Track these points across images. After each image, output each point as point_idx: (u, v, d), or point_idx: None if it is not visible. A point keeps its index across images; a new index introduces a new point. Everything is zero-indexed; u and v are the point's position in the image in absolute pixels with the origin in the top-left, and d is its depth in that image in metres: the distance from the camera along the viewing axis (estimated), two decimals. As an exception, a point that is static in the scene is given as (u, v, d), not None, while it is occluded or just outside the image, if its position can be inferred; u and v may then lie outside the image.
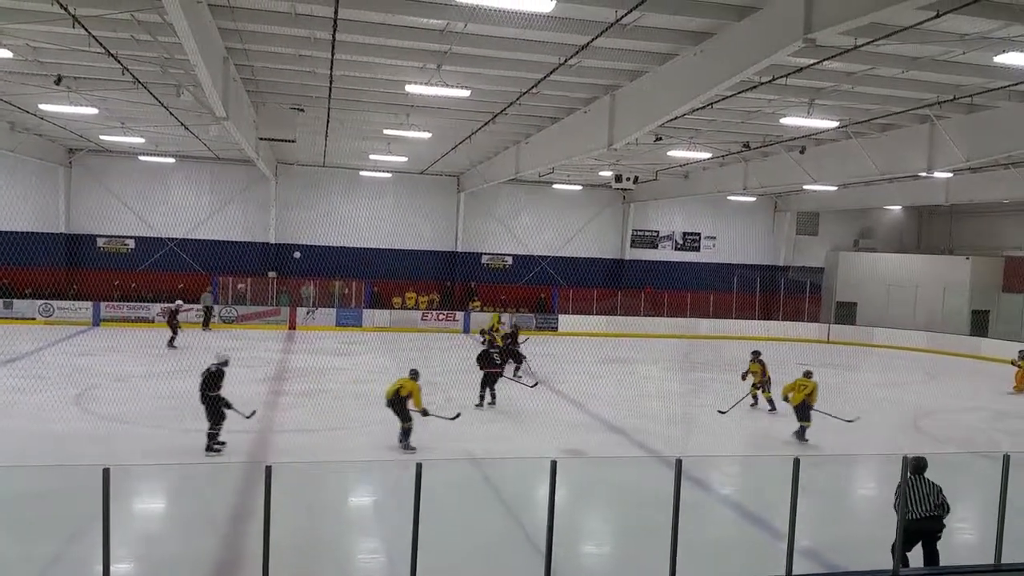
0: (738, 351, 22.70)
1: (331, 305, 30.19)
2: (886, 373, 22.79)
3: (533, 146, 21.61)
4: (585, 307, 31.47)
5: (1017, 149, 16.59)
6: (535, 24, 11.71)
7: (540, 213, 33.41)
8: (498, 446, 13.13)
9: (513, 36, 12.64)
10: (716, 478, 12.30)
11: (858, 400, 18.65)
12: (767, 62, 10.75)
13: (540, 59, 13.72)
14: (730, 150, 22.06)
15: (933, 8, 9.44)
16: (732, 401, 16.52)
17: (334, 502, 10.40)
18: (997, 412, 18.23)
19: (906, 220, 35.87)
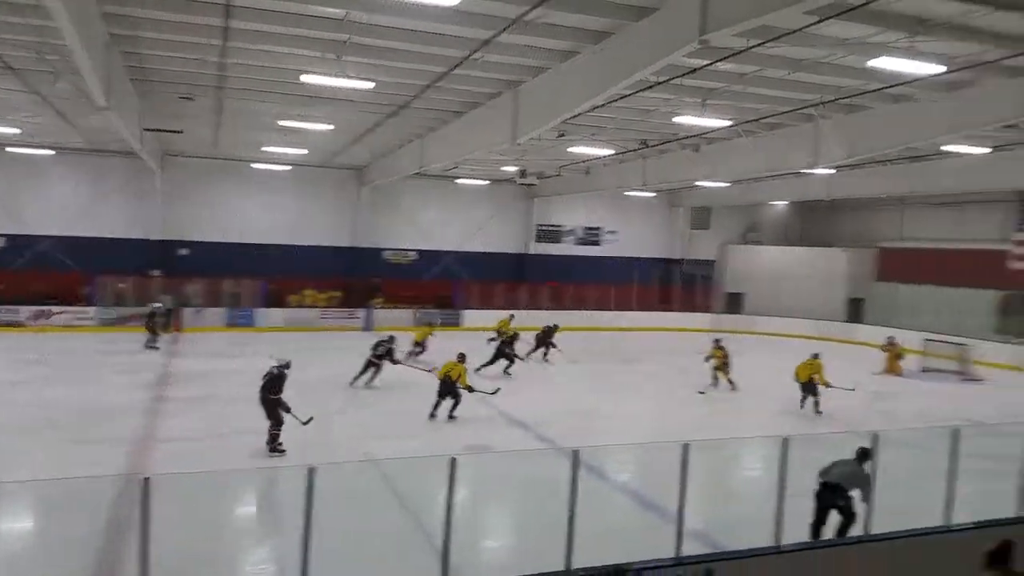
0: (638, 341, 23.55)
1: (221, 305, 28.61)
2: (771, 358, 23.95)
3: (438, 140, 21.61)
4: (488, 302, 31.58)
5: (890, 148, 17.85)
6: (440, 17, 11.75)
7: (445, 207, 33.39)
8: (401, 445, 13.01)
9: (418, 28, 12.63)
10: (613, 466, 12.63)
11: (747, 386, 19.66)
12: (664, 62, 11.18)
13: (445, 53, 13.77)
14: (629, 147, 22.69)
15: (816, 13, 10.05)
16: (697, 385, 18.80)
17: (222, 513, 10.04)
18: (871, 393, 19.49)
19: (790, 215, 37.76)
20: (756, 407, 18.04)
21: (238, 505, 10.71)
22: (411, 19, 12.12)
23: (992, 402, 19.61)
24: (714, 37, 9.98)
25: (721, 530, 9.33)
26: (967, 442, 9.54)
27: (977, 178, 23.08)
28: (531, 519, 10.33)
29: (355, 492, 9.89)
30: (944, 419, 15.63)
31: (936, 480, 8.95)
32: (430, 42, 13.19)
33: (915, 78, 13.28)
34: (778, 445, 8.01)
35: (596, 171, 28.81)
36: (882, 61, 11.64)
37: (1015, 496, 9.23)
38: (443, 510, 6.74)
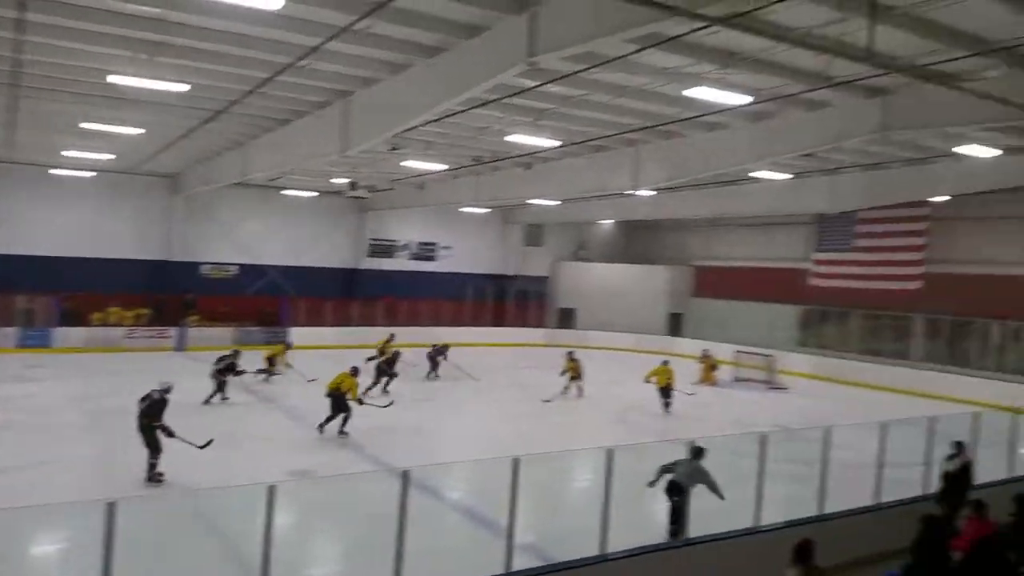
0: (472, 357, 23.60)
1: (11, 324, 25.53)
2: (600, 372, 24.77)
3: (261, 148, 20.64)
4: (318, 319, 30.48)
5: (704, 172, 19.00)
6: (263, 21, 11.23)
7: (270, 220, 31.67)
8: (216, 474, 11.97)
9: (239, 31, 12.01)
10: (445, 484, 12.50)
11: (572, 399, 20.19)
12: (494, 81, 11.28)
13: (268, 58, 13.18)
14: (463, 163, 22.78)
15: (637, 43, 10.50)
16: (549, 395, 19.75)
17: (10, 554, 8.96)
18: (688, 402, 20.59)
19: (616, 233, 39.44)
20: (588, 419, 18.55)
21: (32, 544, 9.66)
22: (231, 21, 11.50)
23: (795, 409, 21.26)
24: (542, 59, 10.21)
25: (552, 542, 9.39)
26: (774, 447, 10.26)
27: (780, 202, 25.14)
28: (360, 543, 10.01)
29: (168, 524, 9.23)
30: (755, 425, 16.71)
31: (748, 483, 9.46)
32: (252, 46, 12.58)
33: (726, 108, 14.20)
34: (604, 456, 8.20)
35: (430, 186, 28.71)
36: (696, 91, 12.33)
37: (817, 496, 9.91)
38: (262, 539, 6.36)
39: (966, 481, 10.34)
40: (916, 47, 11.03)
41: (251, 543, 6.65)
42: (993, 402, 18.10)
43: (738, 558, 8.94)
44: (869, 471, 10.47)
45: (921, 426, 11.22)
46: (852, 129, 14.32)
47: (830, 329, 29.76)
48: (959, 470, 10.32)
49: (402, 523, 6.91)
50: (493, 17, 10.76)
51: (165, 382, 12.01)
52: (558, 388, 20.83)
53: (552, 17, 9.84)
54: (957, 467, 10.35)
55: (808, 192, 23.69)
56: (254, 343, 26.69)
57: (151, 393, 11.80)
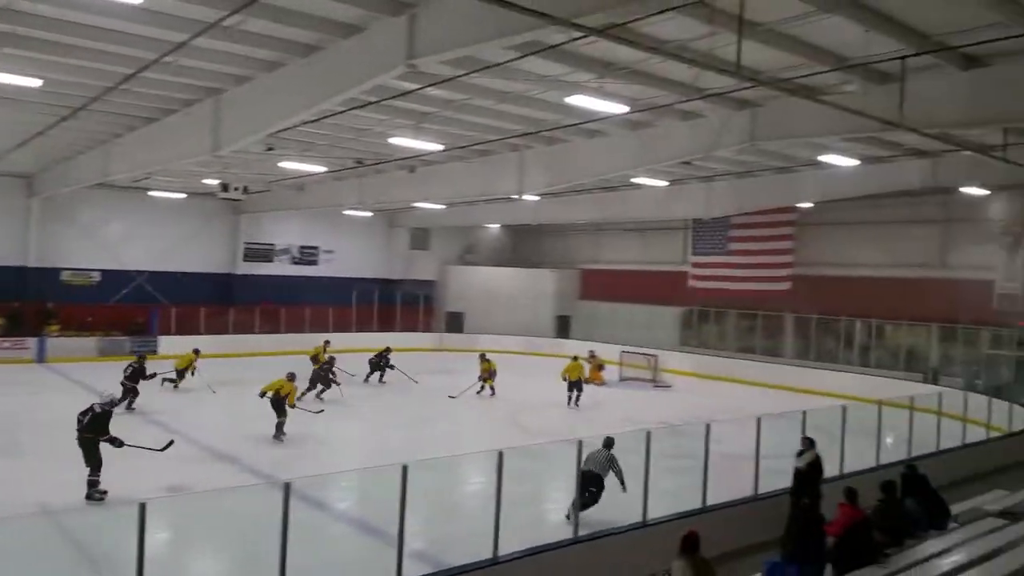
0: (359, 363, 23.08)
1: None
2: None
3: (126, 147, 19.48)
4: (192, 326, 28.97)
5: (586, 178, 19.35)
6: (124, 15, 10.62)
7: (136, 223, 29.61)
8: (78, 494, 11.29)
9: (99, 24, 11.27)
10: (332, 495, 12.19)
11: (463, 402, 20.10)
12: (372, 82, 11.05)
13: (131, 53, 12.46)
14: (344, 165, 22.27)
15: (517, 50, 10.51)
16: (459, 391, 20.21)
17: None
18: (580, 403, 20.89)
19: (503, 237, 39.61)
20: (479, 422, 18.49)
21: None
22: (91, 14, 10.83)
23: (679, 405, 21.91)
24: (422, 63, 10.05)
25: (444, 548, 9.30)
26: (660, 443, 10.53)
27: (659, 208, 25.95)
28: (241, 560, 9.66)
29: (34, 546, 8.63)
30: (641, 422, 17.02)
31: (636, 479, 9.70)
32: (112, 40, 11.87)
33: (605, 116, 14.47)
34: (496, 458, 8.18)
35: (310, 188, 27.94)
36: (576, 99, 12.47)
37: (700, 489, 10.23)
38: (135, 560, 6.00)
39: (817, 476, 10.64)
40: (781, 62, 11.59)
41: (123, 565, 6.22)
42: (858, 395, 19.27)
43: (628, 552, 9.20)
44: (747, 463, 10.89)
45: (794, 419, 11.72)
46: (723, 139, 14.89)
47: (709, 329, 30.97)
48: (808, 466, 10.57)
49: (285, 537, 6.69)
50: (370, 17, 10.53)
51: (109, 393, 11.76)
52: (466, 387, 21.29)
53: (431, 20, 9.72)
54: (806, 464, 10.58)
55: (685, 198, 24.54)
56: (122, 353, 25.16)
57: (92, 407, 11.36)
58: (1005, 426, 16.79)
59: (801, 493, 10.30)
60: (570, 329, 35.13)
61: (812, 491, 10.20)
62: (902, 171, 19.01)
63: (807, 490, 10.27)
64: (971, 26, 9.95)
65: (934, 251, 24.52)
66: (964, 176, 18.53)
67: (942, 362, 24.13)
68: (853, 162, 17.83)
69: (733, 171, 21.68)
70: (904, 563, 8.28)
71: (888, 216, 25.08)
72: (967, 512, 10.55)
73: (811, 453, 10.59)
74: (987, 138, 15.15)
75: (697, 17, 9.47)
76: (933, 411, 14.51)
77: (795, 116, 13.78)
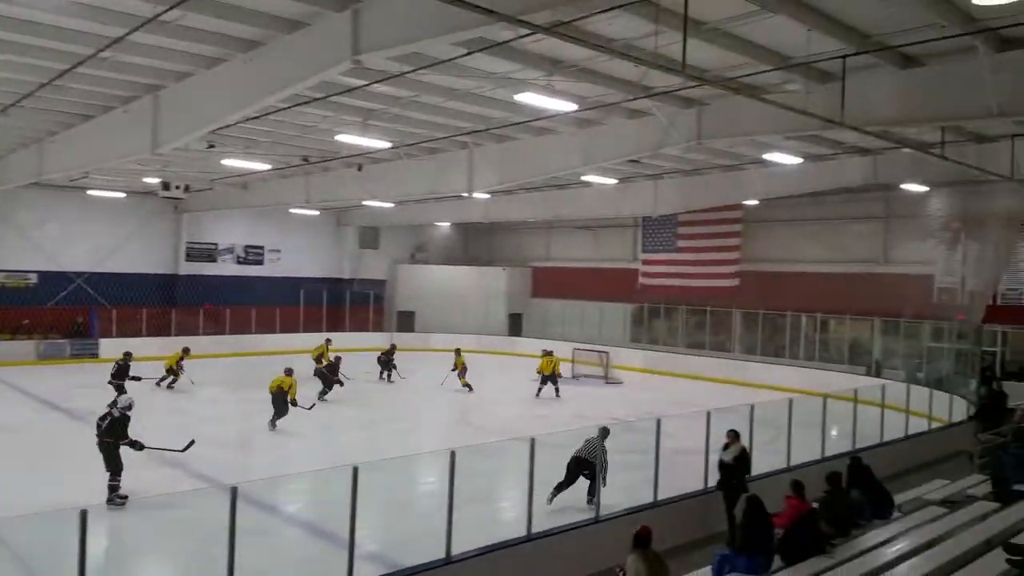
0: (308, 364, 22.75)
1: None
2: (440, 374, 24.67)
3: (61, 145, 18.79)
4: (134, 328, 28.17)
5: (535, 176, 19.35)
6: (56, 8, 10.25)
7: (74, 223, 28.65)
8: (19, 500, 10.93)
9: (29, 18, 10.84)
10: (282, 498, 11.98)
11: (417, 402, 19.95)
12: (317, 78, 10.85)
13: (66, 48, 12.02)
14: (290, 163, 21.88)
15: (464, 46, 10.43)
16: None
17: None
18: (530, 399, 20.90)
19: (454, 235, 39.43)
20: (431, 421, 18.38)
21: None
22: (21, 7, 10.39)
23: (630, 401, 22.12)
24: (367, 58, 9.90)
25: (397, 549, 9.20)
26: (612, 439, 10.60)
27: (609, 205, 26.09)
28: (188, 566, 9.47)
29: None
30: (593, 419, 17.13)
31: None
32: (46, 35, 11.42)
33: (554, 114, 14.47)
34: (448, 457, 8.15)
35: (255, 186, 27.38)
36: (525, 96, 12.43)
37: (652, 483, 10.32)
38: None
39: (744, 468, 10.63)
40: (725, 61, 11.73)
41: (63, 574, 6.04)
42: (804, 388, 19.68)
43: (582, 548, 9.25)
44: (698, 457, 11.01)
45: (741, 413, 11.89)
46: (670, 137, 15.01)
47: (659, 325, 31.28)
48: (735, 459, 10.54)
49: (232, 541, 6.58)
50: (314, 13, 10.32)
51: (127, 398, 11.79)
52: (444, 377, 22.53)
53: (375, 15, 9.56)
54: (732, 457, 10.55)
55: (634, 196, 24.72)
56: (62, 357, 24.44)
57: (110, 412, 11.44)
58: (946, 417, 17.24)
59: (729, 486, 10.33)
60: (522, 327, 35.14)
61: (739, 484, 10.27)
62: (844, 169, 19.43)
63: (735, 483, 10.31)
64: (909, 26, 10.19)
65: (876, 247, 25.16)
66: (904, 173, 18.94)
67: (885, 355, 24.73)
68: (797, 160, 18.17)
69: (681, 169, 21.92)
70: (850, 553, 8.47)
71: (831, 213, 25.64)
72: (910, 502, 10.81)
73: (737, 446, 10.60)
74: (926, 136, 15.57)
75: (643, 16, 9.52)
76: (876, 403, 14.79)
77: (740, 115, 13.98)
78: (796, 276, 26.45)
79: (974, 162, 15.48)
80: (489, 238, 38.52)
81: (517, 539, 8.93)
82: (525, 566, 8.81)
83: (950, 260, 22.66)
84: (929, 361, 22.71)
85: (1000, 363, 22.31)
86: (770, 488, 9.89)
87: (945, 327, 22.26)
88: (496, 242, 38.40)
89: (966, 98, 11.47)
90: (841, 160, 19.12)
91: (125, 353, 18.60)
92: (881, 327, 24.85)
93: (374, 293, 35.69)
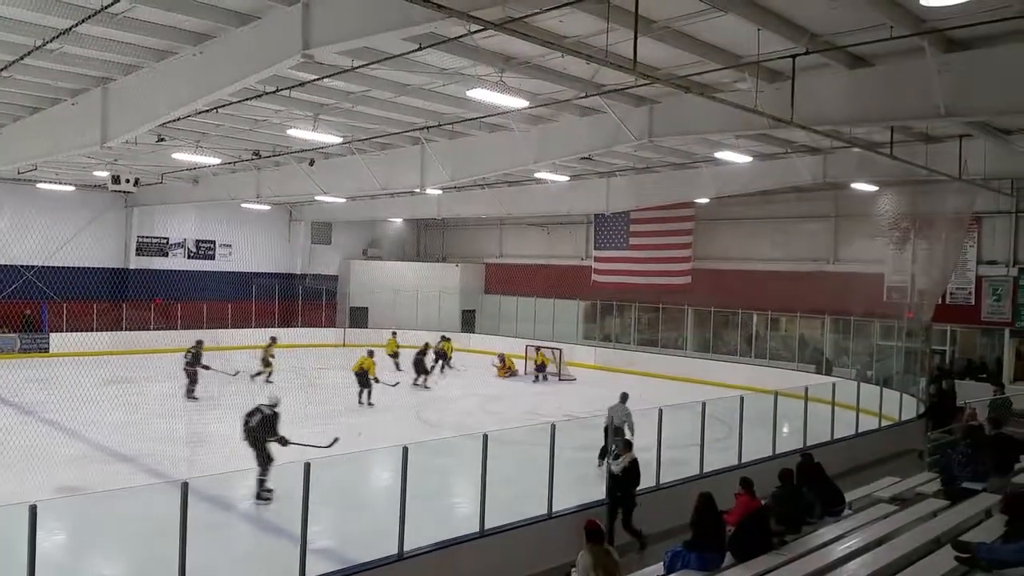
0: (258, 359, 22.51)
1: None
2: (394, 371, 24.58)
3: (8, 138, 18.24)
4: (84, 323, 27.58)
5: (488, 172, 19.39)
6: (3, -1, 9.95)
7: (22, 216, 27.69)
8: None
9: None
10: (235, 493, 11.85)
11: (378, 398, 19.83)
12: (267, 72, 10.76)
13: (11, 39, 11.75)
14: (241, 157, 21.57)
15: (415, 41, 10.41)
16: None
17: None
18: (484, 395, 20.95)
19: (407, 231, 39.28)
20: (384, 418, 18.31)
21: None
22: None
23: (583, 398, 22.18)
24: (318, 53, 9.84)
25: (350, 545, 9.18)
26: (565, 435, 10.62)
27: (562, 202, 26.22)
28: (139, 562, 9.36)
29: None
30: (546, 415, 17.24)
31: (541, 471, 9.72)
32: (-11, 24, 11.09)
33: (506, 110, 14.51)
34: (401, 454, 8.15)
35: (206, 180, 26.96)
36: (476, 92, 12.46)
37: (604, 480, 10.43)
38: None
39: (633, 480, 10.27)
40: (676, 59, 11.88)
41: (12, 569, 6.01)
42: (755, 385, 19.93)
43: (534, 544, 9.30)
44: (650, 454, 11.07)
45: (693, 410, 12.06)
46: (622, 135, 15.14)
47: (612, 322, 31.52)
48: (624, 471, 10.16)
49: (184, 537, 6.58)
50: (264, 6, 10.23)
51: (274, 396, 12.29)
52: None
53: (326, 9, 9.52)
54: (621, 469, 10.17)
55: (586, 193, 24.88)
56: (12, 352, 23.89)
57: (260, 408, 11.92)
58: (895, 415, 17.43)
59: (615, 497, 10.16)
60: (476, 323, 35.15)
61: (624, 496, 10.09)
62: (794, 168, 19.69)
63: (620, 495, 10.12)
64: (858, 27, 10.36)
65: (826, 245, 25.53)
66: (854, 172, 19.15)
67: (835, 353, 25.18)
68: (747, 159, 18.48)
69: (632, 167, 22.13)
70: (801, 550, 8.53)
71: (782, 212, 26.02)
72: (860, 499, 10.89)
73: (628, 456, 10.25)
74: (875, 136, 15.92)
75: (594, 13, 9.60)
76: (827, 401, 14.86)
77: (691, 113, 14.15)
78: (747, 274, 26.80)
79: (923, 162, 15.76)
80: (442, 234, 38.45)
81: (471, 535, 8.95)
82: (478, 562, 8.83)
83: (899, 259, 22.82)
84: (879, 359, 22.89)
85: (948, 361, 22.73)
86: (721, 485, 9.95)
87: (895, 325, 22.37)
88: (449, 238, 38.34)
89: (914, 98, 11.65)
90: (791, 159, 19.39)
91: (197, 342, 19.84)
92: (831, 325, 25.21)
93: (327, 289, 35.41)
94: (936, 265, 21.23)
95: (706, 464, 11.70)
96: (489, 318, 34.58)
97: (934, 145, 16.72)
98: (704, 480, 11.03)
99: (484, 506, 9.06)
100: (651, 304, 29.85)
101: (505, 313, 33.65)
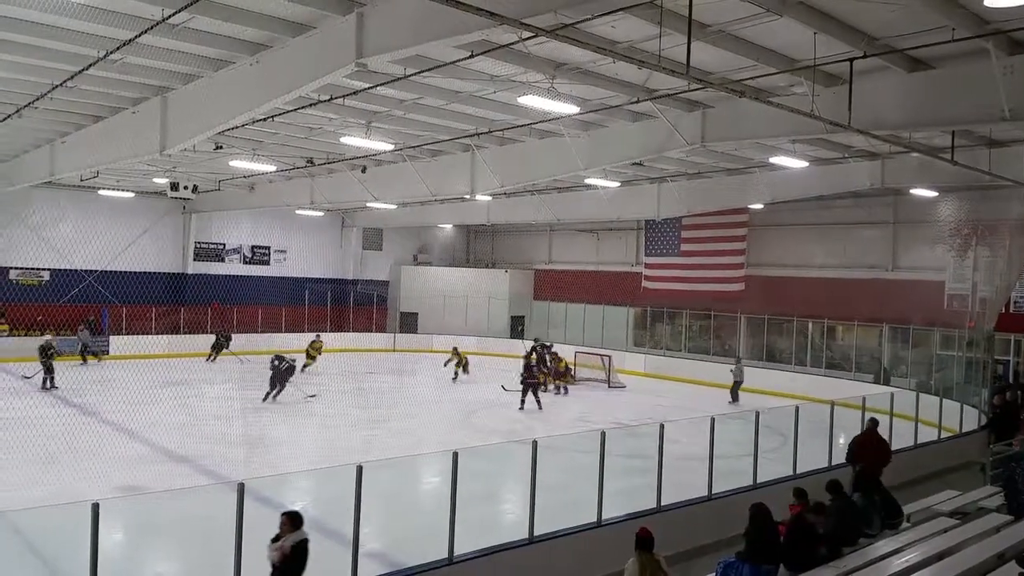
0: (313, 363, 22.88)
1: None
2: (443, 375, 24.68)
3: (72, 146, 18.96)
4: (143, 326, 28.39)
5: (538, 179, 19.37)
6: (67, 11, 10.35)
7: (85, 222, 28.76)
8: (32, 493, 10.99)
9: (36, 20, 10.94)
10: (289, 495, 12.01)
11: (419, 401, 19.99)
12: (322, 81, 10.90)
13: (77, 51, 12.13)
14: (295, 164, 21.97)
15: (466, 49, 10.47)
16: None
17: None
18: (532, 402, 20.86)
19: (457, 237, 39.49)
20: (434, 422, 18.40)
21: None
22: (34, 10, 10.50)
23: (633, 406, 22.02)
24: (371, 61, 9.95)
25: (400, 548, 9.21)
26: (614, 443, 10.52)
27: (612, 208, 25.98)
28: (195, 561, 9.51)
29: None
30: (595, 423, 17.08)
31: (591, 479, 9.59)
32: (58, 37, 11.53)
33: (556, 116, 14.49)
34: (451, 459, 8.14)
35: (261, 187, 27.51)
36: (528, 99, 12.46)
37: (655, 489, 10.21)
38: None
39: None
40: (730, 63, 11.71)
41: (76, 565, 6.14)
42: (811, 395, 19.44)
43: (583, 552, 9.19)
44: (702, 463, 10.86)
45: (747, 419, 11.80)
46: (674, 140, 14.98)
47: (663, 329, 31.18)
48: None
49: (240, 538, 6.64)
50: (319, 16, 10.39)
51: (292, 357, 16.59)
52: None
53: (380, 19, 9.62)
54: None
55: (637, 199, 24.66)
56: (74, 353, 24.68)
57: (284, 358, 18.93)
58: (956, 427, 16.87)
59: None
60: (525, 329, 35.13)
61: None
62: (851, 173, 19.26)
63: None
64: (918, 29, 10.11)
65: (885, 252, 24.90)
66: (913, 178, 18.73)
67: (893, 363, 24.49)
68: (803, 164, 18.12)
69: (684, 172, 21.89)
70: (858, 562, 8.32)
71: (839, 217, 25.45)
72: (919, 512, 10.62)
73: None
74: (935, 140, 15.48)
75: (647, 18, 9.52)
76: (885, 411, 14.34)
77: (745, 118, 13.93)
78: (802, 281, 26.27)
79: (986, 166, 15.30)
80: (492, 240, 38.54)
81: (519, 541, 8.89)
82: (526, 569, 8.78)
83: (960, 266, 22.34)
84: (939, 369, 22.16)
85: (1013, 372, 21.97)
86: (776, 496, 9.73)
87: (956, 335, 21.61)
88: (499, 244, 38.42)
89: (976, 102, 11.33)
90: (848, 164, 18.98)
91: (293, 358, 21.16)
92: (890, 334, 24.56)
93: (377, 294, 35.74)
94: (999, 273, 20.57)
95: (759, 474, 11.46)
96: (538, 324, 34.52)
97: (998, 149, 16.20)
98: (757, 492, 10.79)
99: (533, 513, 9.03)
100: (702, 311, 29.45)
101: (554, 319, 33.57)
